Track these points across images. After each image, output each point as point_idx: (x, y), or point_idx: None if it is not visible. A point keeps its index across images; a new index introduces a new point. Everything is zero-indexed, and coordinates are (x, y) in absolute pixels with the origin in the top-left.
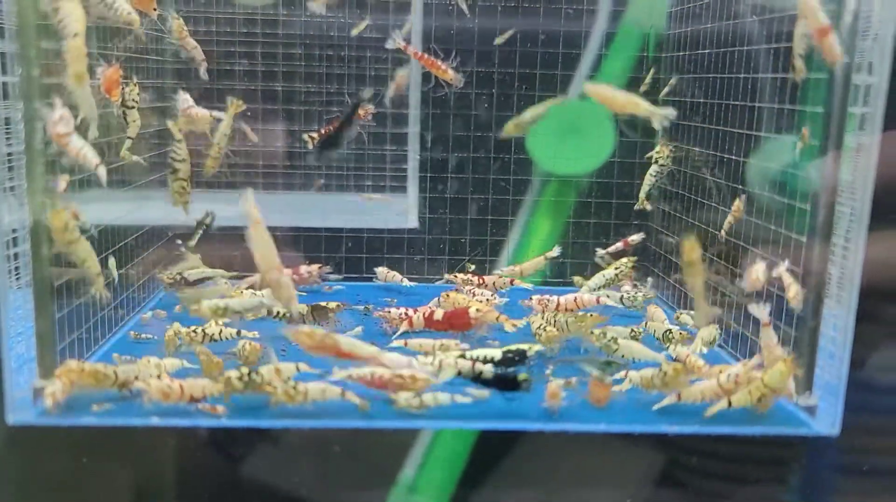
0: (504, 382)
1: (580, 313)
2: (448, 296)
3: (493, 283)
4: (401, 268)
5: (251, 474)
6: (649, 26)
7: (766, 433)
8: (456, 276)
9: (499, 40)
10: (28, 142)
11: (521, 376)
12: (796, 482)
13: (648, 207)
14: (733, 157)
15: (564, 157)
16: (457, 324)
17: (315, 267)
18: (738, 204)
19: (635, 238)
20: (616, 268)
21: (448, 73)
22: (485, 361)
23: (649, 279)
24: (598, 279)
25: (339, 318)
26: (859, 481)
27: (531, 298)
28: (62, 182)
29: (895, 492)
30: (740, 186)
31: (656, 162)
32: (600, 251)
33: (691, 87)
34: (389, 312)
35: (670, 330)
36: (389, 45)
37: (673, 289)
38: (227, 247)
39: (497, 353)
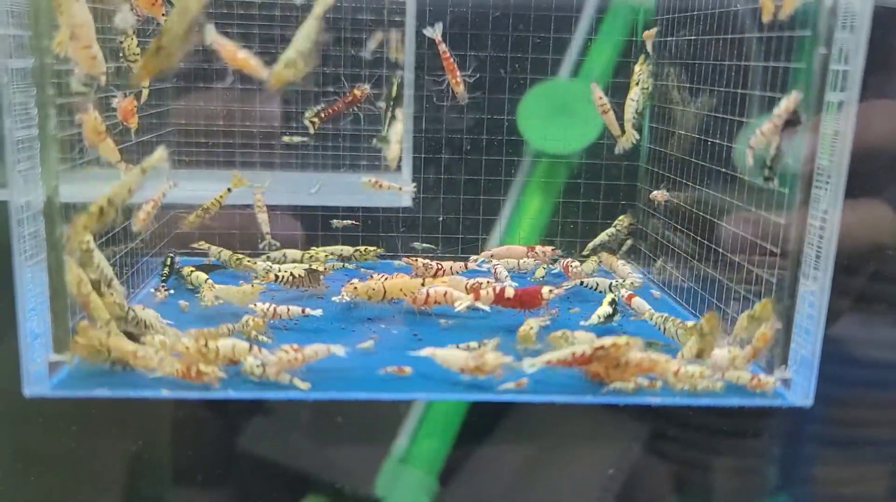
0: None
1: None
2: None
3: (451, 268)
4: (395, 246)
5: (246, 444)
6: (638, 9)
7: (743, 404)
8: (416, 260)
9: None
10: (42, 125)
11: None
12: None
13: (636, 137)
14: (719, 142)
15: (554, 137)
16: (528, 302)
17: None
18: None
19: (662, 194)
20: (615, 227)
21: (459, 86)
22: None
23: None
24: (600, 238)
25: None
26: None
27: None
28: None
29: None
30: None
31: (637, 84)
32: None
33: (678, 72)
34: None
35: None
36: (428, 32)
37: (661, 269)
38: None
39: None
